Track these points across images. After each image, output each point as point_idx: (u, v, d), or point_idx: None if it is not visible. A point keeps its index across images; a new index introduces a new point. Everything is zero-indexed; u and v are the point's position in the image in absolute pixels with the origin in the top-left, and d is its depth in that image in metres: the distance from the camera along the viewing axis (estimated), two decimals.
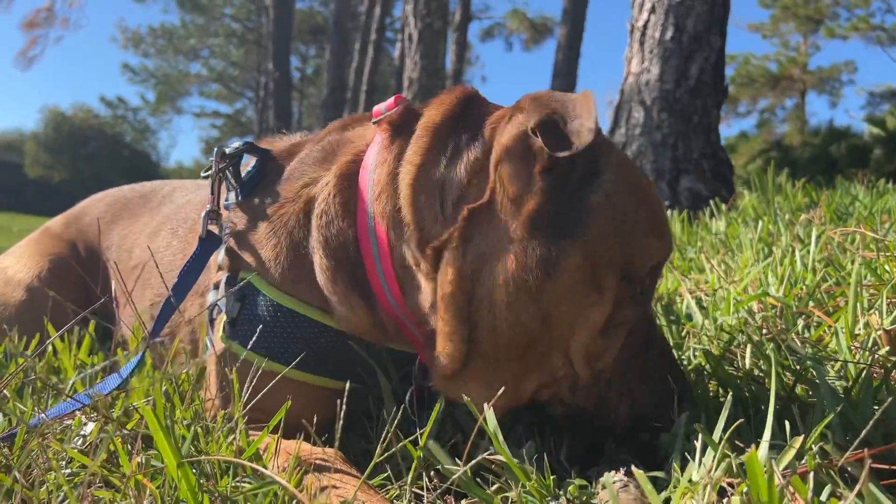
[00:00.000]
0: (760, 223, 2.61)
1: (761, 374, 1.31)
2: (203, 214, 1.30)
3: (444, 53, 9.84)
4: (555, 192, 0.99)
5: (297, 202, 1.21)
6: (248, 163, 1.35)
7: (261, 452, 0.99)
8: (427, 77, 9.57)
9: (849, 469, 0.83)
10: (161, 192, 1.86)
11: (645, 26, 4.62)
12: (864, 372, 1.14)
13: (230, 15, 36.67)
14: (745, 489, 0.76)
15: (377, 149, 1.17)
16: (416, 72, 9.40)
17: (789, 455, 0.82)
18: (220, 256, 1.25)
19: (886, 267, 1.85)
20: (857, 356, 1.43)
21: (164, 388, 1.18)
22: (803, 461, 0.83)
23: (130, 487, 0.84)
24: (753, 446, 0.72)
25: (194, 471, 0.85)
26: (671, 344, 1.14)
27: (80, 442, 1.04)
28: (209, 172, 1.33)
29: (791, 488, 0.76)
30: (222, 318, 1.20)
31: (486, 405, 0.96)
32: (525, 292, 0.98)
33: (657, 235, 1.04)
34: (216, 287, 1.24)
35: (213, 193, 1.31)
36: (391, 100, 1.22)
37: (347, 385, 0.99)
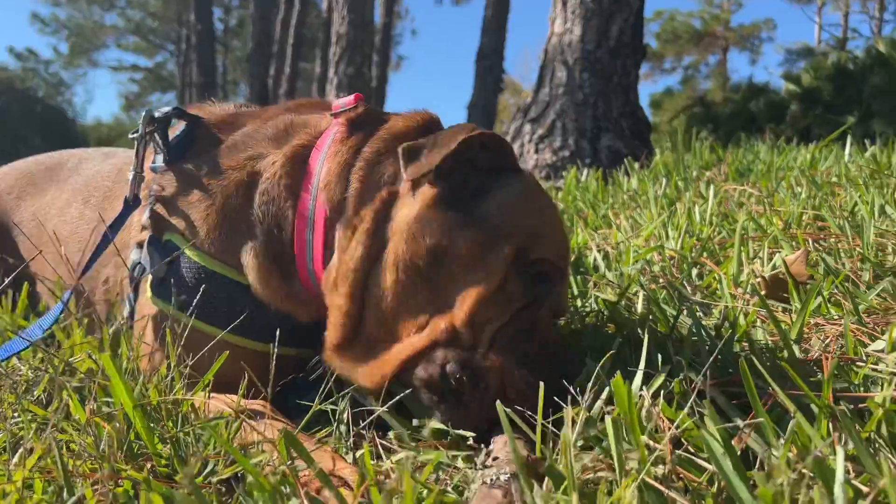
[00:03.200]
0: (666, 180, 2.80)
1: (654, 318, 1.47)
2: (132, 177, 1.34)
3: (373, 7, 9.74)
4: (448, 194, 1.13)
5: (240, 172, 1.27)
6: (176, 127, 1.40)
7: (196, 405, 1.08)
8: (354, 31, 9.48)
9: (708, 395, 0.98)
10: (67, 164, 1.84)
11: None
12: (735, 314, 1.32)
13: None
14: (618, 413, 0.91)
15: (331, 139, 1.26)
16: (344, 27, 9.30)
17: (658, 382, 0.98)
18: (144, 216, 1.30)
19: (773, 220, 2.06)
20: (739, 300, 1.61)
21: (100, 342, 1.26)
22: (670, 388, 0.99)
23: (89, 429, 0.93)
24: (619, 373, 0.86)
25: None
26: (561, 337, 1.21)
27: (28, 392, 1.12)
28: (136, 135, 1.37)
29: (657, 409, 0.92)
30: (148, 278, 1.26)
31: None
32: (416, 275, 1.10)
33: (545, 235, 1.15)
34: (139, 246, 1.30)
35: (137, 156, 1.35)
36: (351, 97, 1.31)
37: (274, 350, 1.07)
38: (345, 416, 1.12)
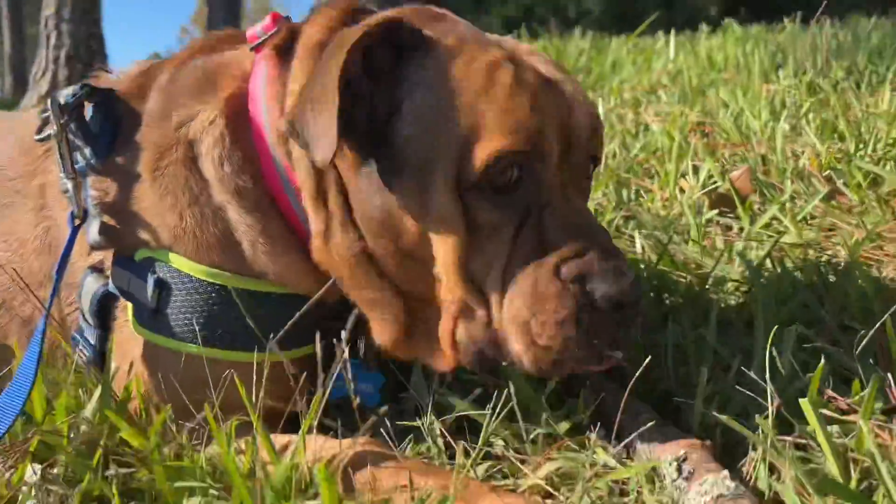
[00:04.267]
0: None
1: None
2: (70, 189, 1.04)
3: None
4: (362, 146, 0.93)
5: (178, 149, 1.02)
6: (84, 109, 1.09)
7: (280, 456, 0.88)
8: None
9: None
10: None
11: None
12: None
13: None
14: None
15: (264, 80, 1.03)
16: None
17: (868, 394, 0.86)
18: (90, 233, 1.02)
19: (674, 133, 2.14)
20: (689, 219, 1.66)
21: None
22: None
23: None
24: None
25: None
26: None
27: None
28: (47, 133, 1.07)
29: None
30: (127, 307, 1.01)
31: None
32: (398, 255, 0.95)
33: (485, 127, 0.88)
34: (95, 270, 1.05)
35: (63, 159, 1.04)
36: (268, 19, 1.06)
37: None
38: (436, 427, 0.99)
